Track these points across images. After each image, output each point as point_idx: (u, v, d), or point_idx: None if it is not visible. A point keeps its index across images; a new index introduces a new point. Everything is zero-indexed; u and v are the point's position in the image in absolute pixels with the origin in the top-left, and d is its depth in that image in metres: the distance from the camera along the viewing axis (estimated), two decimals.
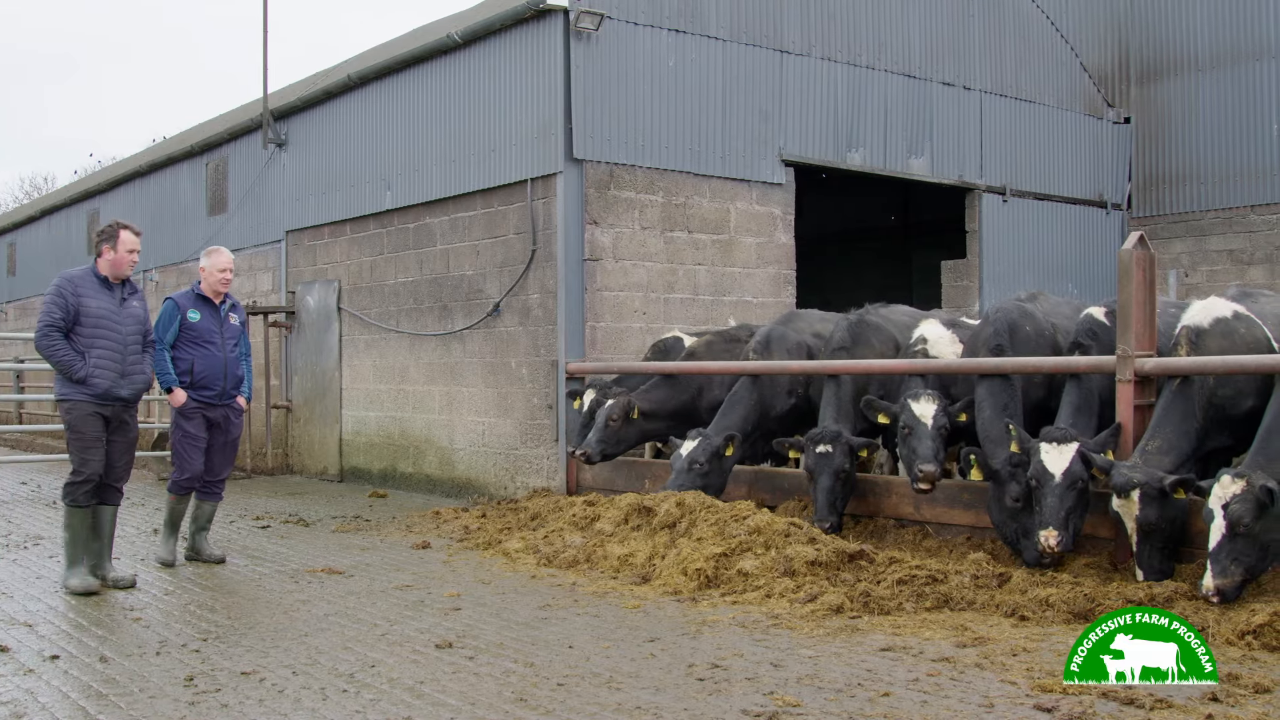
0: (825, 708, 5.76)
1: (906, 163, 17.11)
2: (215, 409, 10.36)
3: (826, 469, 10.11)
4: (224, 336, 10.40)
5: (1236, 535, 7.25)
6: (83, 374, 9.06)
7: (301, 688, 6.33)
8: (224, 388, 10.36)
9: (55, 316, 9.08)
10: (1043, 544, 8.30)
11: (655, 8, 14.38)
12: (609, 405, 11.90)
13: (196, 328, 10.23)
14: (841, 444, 10.14)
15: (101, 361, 9.13)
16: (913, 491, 9.70)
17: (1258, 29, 18.71)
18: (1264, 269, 18.50)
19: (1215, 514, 7.35)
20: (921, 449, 9.57)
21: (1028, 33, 18.70)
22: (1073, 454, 8.44)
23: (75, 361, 9.05)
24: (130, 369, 9.33)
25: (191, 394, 10.19)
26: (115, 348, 9.22)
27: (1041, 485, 8.44)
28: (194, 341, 10.22)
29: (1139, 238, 9.03)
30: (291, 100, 18.73)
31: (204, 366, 10.23)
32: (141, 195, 24.76)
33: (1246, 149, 18.84)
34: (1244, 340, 8.77)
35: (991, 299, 16.84)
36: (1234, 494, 7.32)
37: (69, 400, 9.16)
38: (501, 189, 14.71)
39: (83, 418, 9.15)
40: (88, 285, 9.24)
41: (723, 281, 15.08)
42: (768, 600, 8.17)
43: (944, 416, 9.70)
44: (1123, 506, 7.96)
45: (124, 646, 7.35)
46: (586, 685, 6.29)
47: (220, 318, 10.42)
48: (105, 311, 9.22)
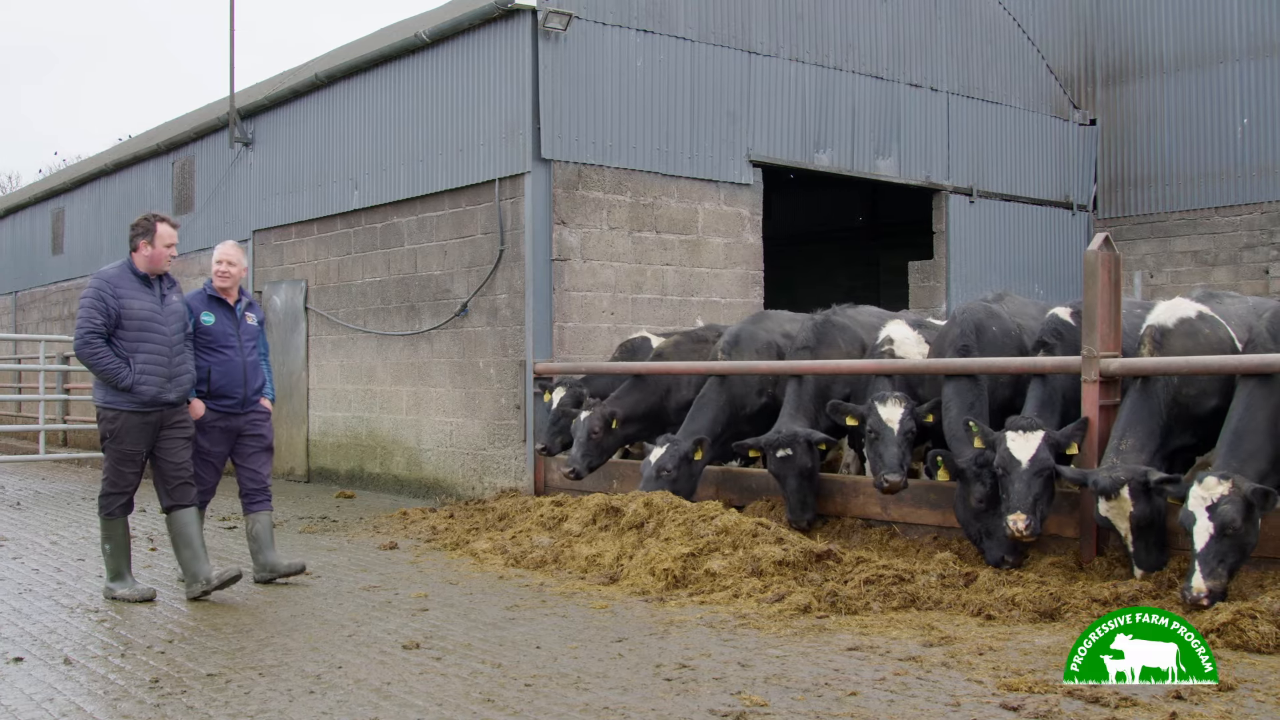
0: (792, 707, 5.77)
1: (874, 163, 17.16)
2: (236, 418, 9.43)
3: (791, 471, 10.20)
4: (242, 339, 9.49)
5: (1225, 536, 7.26)
6: (129, 382, 8.49)
7: (268, 689, 6.30)
8: (245, 395, 9.43)
9: (97, 322, 8.49)
10: (1011, 528, 8.33)
11: (623, 8, 14.38)
12: (589, 417, 11.75)
13: (211, 331, 9.33)
14: (800, 443, 10.20)
15: (148, 366, 8.56)
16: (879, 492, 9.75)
17: (1222, 32, 18.85)
18: (1228, 270, 18.64)
19: (1199, 516, 7.31)
20: (888, 456, 9.61)
21: (994, 35, 18.79)
22: (1039, 441, 8.49)
23: (121, 369, 8.47)
24: (177, 370, 8.76)
25: (209, 404, 9.28)
26: (162, 349, 8.66)
27: (1009, 472, 8.48)
28: (209, 347, 9.31)
29: (1104, 239, 9.08)
30: (259, 99, 18.65)
31: (222, 374, 9.31)
32: (107, 194, 24.59)
33: (1211, 151, 18.99)
34: (1208, 340, 8.84)
35: (958, 299, 16.90)
36: (1221, 495, 7.30)
37: (113, 409, 8.58)
38: (469, 189, 14.69)
39: (126, 429, 8.59)
40: (127, 284, 8.65)
41: (691, 282, 15.10)
42: (735, 600, 8.18)
43: (911, 420, 9.73)
44: (1114, 508, 7.93)
45: (88, 649, 7.30)
46: (554, 685, 6.28)
47: (236, 318, 9.51)
48: (149, 312, 8.65)
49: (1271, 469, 7.90)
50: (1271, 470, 7.89)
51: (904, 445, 9.68)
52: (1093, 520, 8.65)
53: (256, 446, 9.59)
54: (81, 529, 12.59)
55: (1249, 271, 18.45)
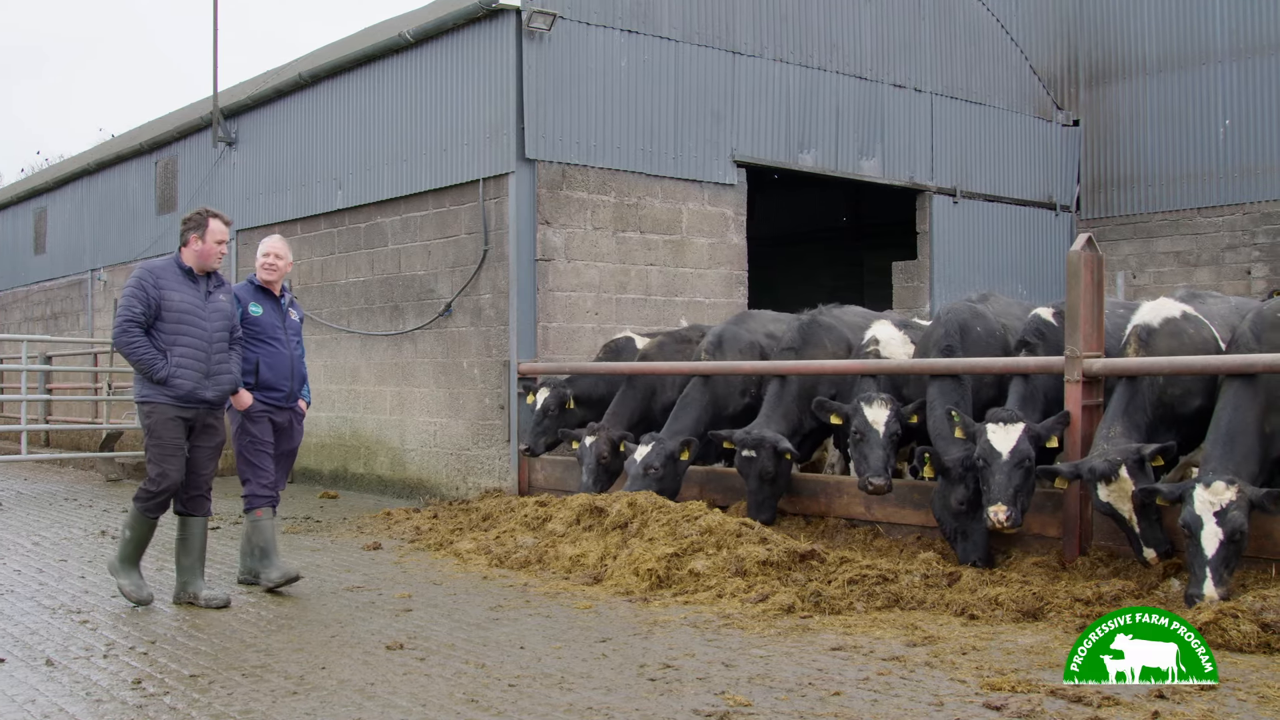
0: (776, 707, 5.77)
1: (858, 164, 17.19)
2: (281, 412, 9.34)
3: (752, 473, 10.31)
4: (287, 333, 9.40)
5: (1233, 542, 7.27)
6: (164, 374, 8.30)
7: (251, 690, 6.29)
8: (291, 388, 9.33)
9: (135, 311, 8.30)
10: (992, 519, 8.37)
11: (608, 8, 14.37)
12: (595, 443, 11.61)
13: (260, 323, 9.21)
14: (766, 447, 10.25)
15: (184, 361, 8.37)
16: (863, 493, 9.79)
17: (1204, 33, 18.92)
18: (1210, 270, 18.71)
19: (1206, 521, 7.30)
20: (873, 458, 9.66)
21: (978, 36, 18.83)
22: (1019, 433, 8.52)
23: (156, 361, 8.29)
24: (216, 369, 8.54)
25: (258, 395, 9.14)
26: (199, 345, 8.45)
27: (989, 464, 8.51)
28: (258, 338, 9.19)
29: (1087, 239, 9.11)
30: (242, 99, 18.61)
31: (270, 365, 9.21)
32: (90, 194, 24.53)
33: (1193, 152, 19.06)
34: (1192, 340, 8.88)
35: (942, 300, 16.94)
36: (1230, 501, 7.30)
37: (149, 402, 8.41)
38: (453, 189, 14.67)
39: (163, 422, 8.38)
40: (171, 277, 8.45)
41: (675, 282, 15.10)
42: (719, 600, 8.18)
43: (896, 422, 9.78)
44: (1115, 490, 7.96)
45: (71, 650, 7.28)
46: (538, 686, 6.27)
47: (282, 312, 9.42)
48: (189, 306, 8.44)
49: (1260, 469, 7.93)
50: (1260, 471, 7.93)
51: (889, 448, 9.71)
52: (1076, 519, 8.70)
53: (285, 447, 9.52)
54: (63, 529, 12.55)
55: (1231, 272, 18.52)
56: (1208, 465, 7.77)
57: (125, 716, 5.87)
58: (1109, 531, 8.46)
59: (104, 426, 20.01)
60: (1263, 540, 7.82)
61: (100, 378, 21.45)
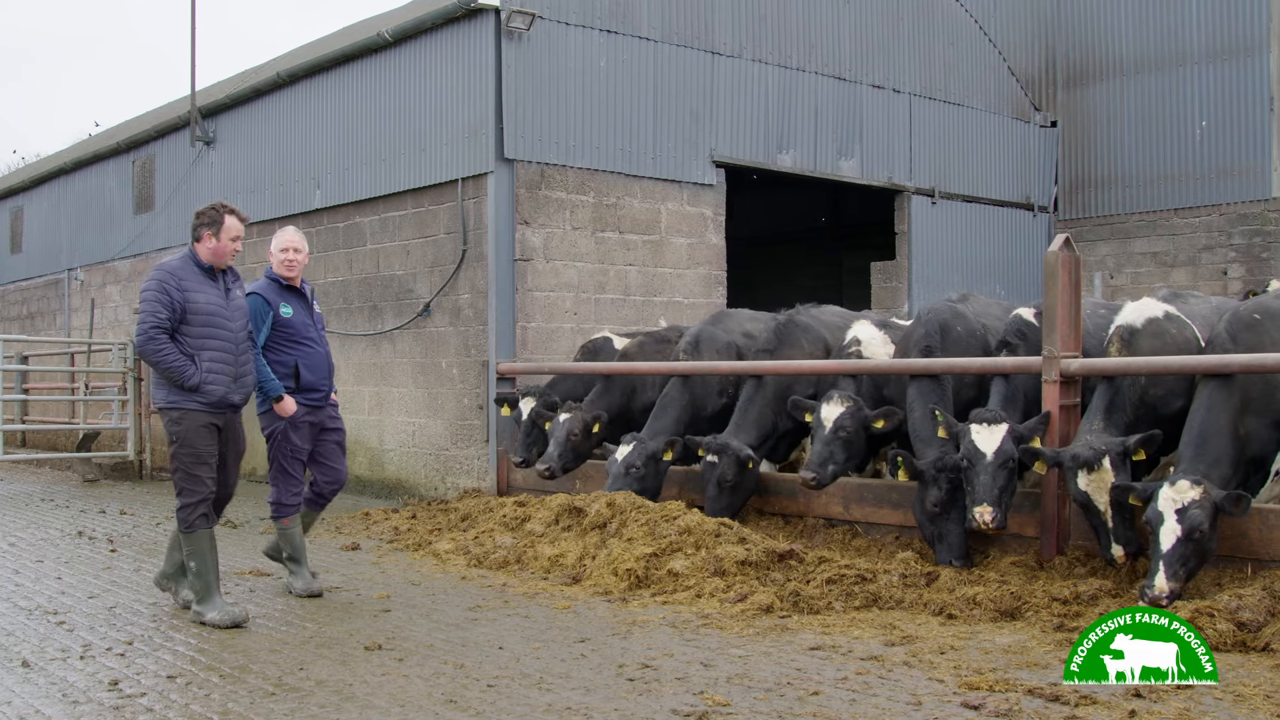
0: (755, 707, 5.78)
1: (836, 164, 17.21)
2: (319, 411, 8.98)
3: (712, 478, 10.34)
4: (317, 328, 9.04)
5: (1191, 540, 7.31)
6: (195, 381, 7.86)
7: (229, 692, 6.27)
8: (329, 386, 9.04)
9: (161, 316, 7.84)
10: (977, 520, 8.39)
11: (587, 8, 14.37)
12: (570, 420, 11.64)
13: (292, 324, 8.82)
14: (728, 455, 10.29)
15: (214, 365, 7.96)
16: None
17: (1181, 35, 19.00)
18: (1186, 271, 18.79)
19: (1167, 517, 7.34)
20: (811, 452, 9.83)
21: (956, 37, 18.88)
22: (1003, 434, 8.55)
23: (187, 367, 7.85)
24: (242, 370, 8.17)
25: (300, 399, 8.78)
26: (228, 347, 8.06)
27: (974, 464, 8.54)
28: (292, 340, 8.81)
29: (1065, 240, 9.14)
30: (220, 98, 18.55)
31: (308, 366, 8.84)
32: (67, 193, 24.42)
33: (1170, 153, 19.14)
34: (1175, 341, 8.93)
35: (920, 300, 16.98)
36: (1192, 500, 7.34)
37: (178, 409, 7.93)
38: (432, 188, 14.64)
39: (195, 430, 7.93)
40: (191, 277, 8.01)
41: (654, 282, 15.10)
42: (698, 600, 8.19)
43: (851, 420, 9.78)
44: (1094, 481, 7.99)
45: (47, 651, 7.24)
46: (517, 686, 6.27)
47: (309, 307, 9.07)
48: (214, 307, 8.03)
49: (1234, 472, 7.97)
50: (1234, 473, 7.97)
51: (834, 443, 9.76)
52: (1053, 518, 8.73)
53: (335, 440, 9.20)
54: (40, 530, 12.48)
55: (1207, 273, 18.60)
56: (1179, 466, 7.84)
57: (102, 718, 5.85)
58: (1087, 531, 8.48)
59: (81, 426, 19.95)
60: (1238, 540, 7.86)
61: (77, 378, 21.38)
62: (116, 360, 19.11)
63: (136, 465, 18.33)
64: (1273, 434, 8.23)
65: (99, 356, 21.21)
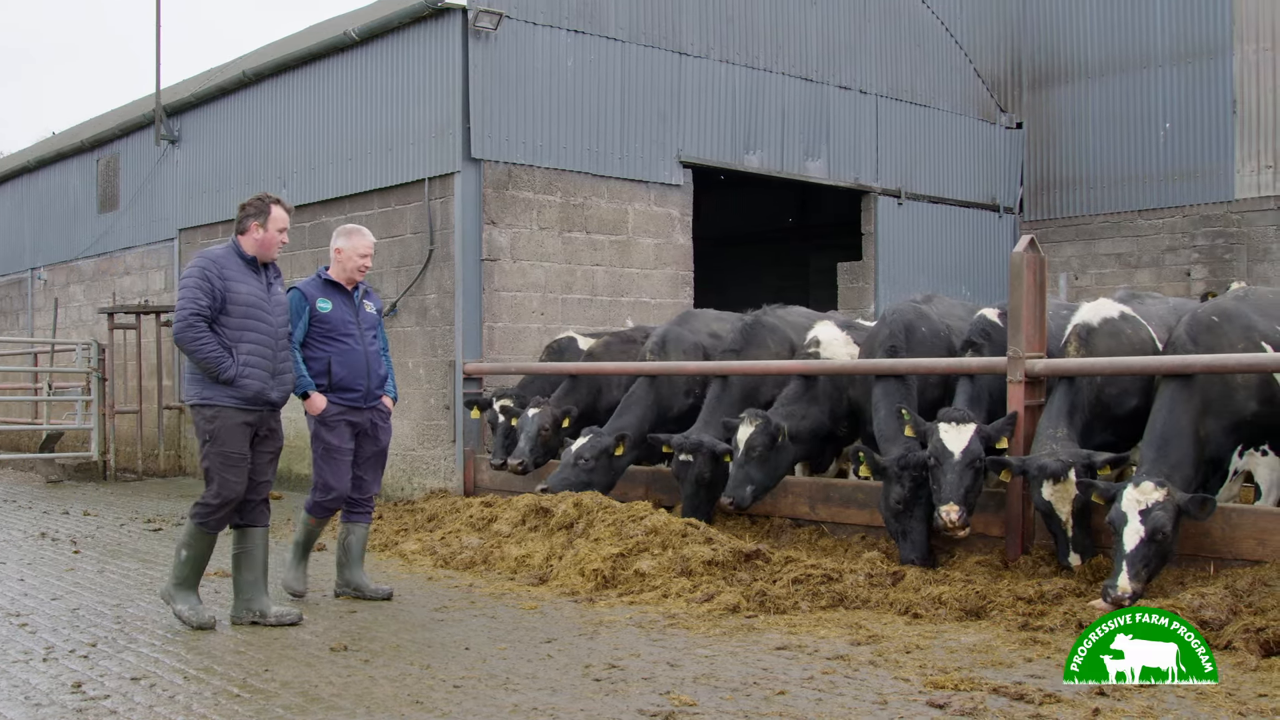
0: (721, 707, 5.79)
1: (803, 165, 17.26)
2: (361, 413, 8.69)
3: (688, 477, 10.35)
4: (361, 327, 8.76)
5: (1154, 541, 7.35)
6: (232, 374, 7.62)
7: (193, 693, 6.24)
8: (368, 387, 8.68)
9: (202, 304, 7.60)
10: (944, 519, 8.41)
11: (554, 8, 14.36)
12: (539, 415, 11.69)
13: (329, 319, 8.57)
14: (703, 453, 10.30)
15: (252, 359, 7.73)
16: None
17: (1146, 37, 19.13)
18: (1150, 272, 18.92)
19: (1130, 518, 7.38)
20: (730, 475, 9.99)
21: (923, 38, 18.95)
22: (971, 433, 8.58)
23: (224, 359, 7.62)
24: (281, 367, 7.94)
25: (332, 398, 8.55)
26: (267, 342, 7.83)
27: (941, 463, 8.56)
28: (328, 336, 8.58)
29: (1030, 241, 9.19)
30: (185, 96, 18.47)
31: (342, 364, 8.56)
32: (30, 191, 24.25)
33: (1134, 155, 19.27)
34: (1130, 341, 9.01)
35: (887, 300, 17.03)
36: (1155, 501, 7.39)
37: (212, 405, 7.70)
38: (399, 188, 14.61)
39: (229, 428, 7.70)
40: (234, 267, 7.79)
41: (620, 282, 15.11)
42: (664, 600, 8.20)
43: (760, 436, 9.85)
44: (1059, 492, 8.04)
45: (9, 653, 7.18)
46: (483, 687, 6.26)
47: (355, 305, 8.79)
48: (255, 299, 7.81)
49: (1195, 473, 8.04)
50: (1195, 474, 8.04)
51: (749, 465, 9.87)
52: (1019, 518, 8.78)
53: (371, 450, 8.88)
54: (2, 531, 12.39)
55: (1171, 274, 18.73)
56: (1141, 467, 7.89)
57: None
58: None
59: (44, 427, 19.81)
60: (1201, 539, 7.94)
61: (40, 378, 21.22)
62: (80, 360, 18.97)
63: (100, 466, 18.19)
64: (1229, 436, 8.33)
65: (62, 356, 21.08)
